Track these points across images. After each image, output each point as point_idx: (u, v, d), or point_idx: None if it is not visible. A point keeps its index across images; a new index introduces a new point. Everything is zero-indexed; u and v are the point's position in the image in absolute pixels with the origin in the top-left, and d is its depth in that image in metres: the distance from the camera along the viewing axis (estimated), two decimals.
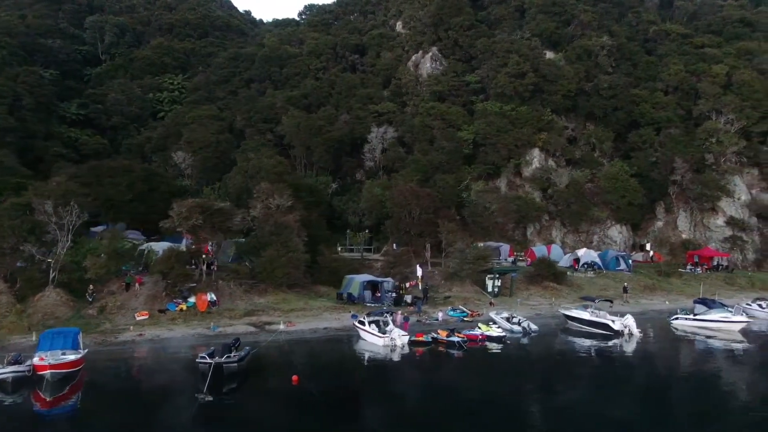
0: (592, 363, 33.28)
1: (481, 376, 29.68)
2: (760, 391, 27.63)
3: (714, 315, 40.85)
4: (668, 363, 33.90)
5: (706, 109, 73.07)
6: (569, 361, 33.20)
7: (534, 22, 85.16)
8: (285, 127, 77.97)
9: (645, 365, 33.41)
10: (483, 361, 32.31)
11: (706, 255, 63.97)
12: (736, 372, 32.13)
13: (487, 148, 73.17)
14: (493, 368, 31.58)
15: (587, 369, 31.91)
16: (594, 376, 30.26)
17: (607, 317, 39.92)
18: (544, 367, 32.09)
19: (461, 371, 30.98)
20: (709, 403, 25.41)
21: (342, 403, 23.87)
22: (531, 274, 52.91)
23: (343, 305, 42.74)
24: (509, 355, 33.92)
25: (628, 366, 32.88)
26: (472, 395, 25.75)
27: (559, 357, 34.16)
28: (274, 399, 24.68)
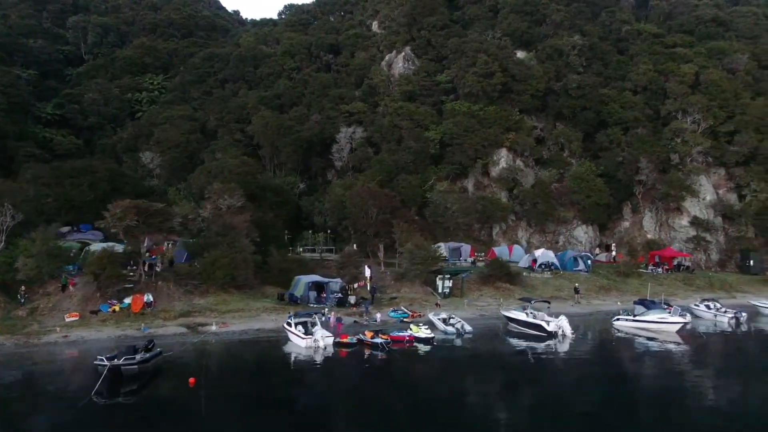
0: (508, 365, 33.02)
1: (385, 379, 29.50)
2: (657, 394, 27.45)
3: (652, 316, 40.78)
4: (585, 365, 33.62)
5: (673, 109, 73.00)
6: (485, 364, 33.06)
7: (506, 22, 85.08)
8: (254, 127, 78.04)
9: (560, 367, 33.18)
10: (400, 363, 32.23)
11: (667, 255, 63.87)
12: (648, 374, 31.95)
13: (454, 148, 73.13)
14: (405, 371, 31.43)
15: (498, 372, 31.60)
16: (500, 379, 29.99)
17: (544, 318, 39.85)
18: (456, 368, 31.97)
19: (371, 373, 30.75)
20: (601, 406, 25.34)
21: (225, 407, 23.81)
22: (484, 274, 52.80)
23: (284, 306, 42.70)
24: (431, 357, 33.93)
25: (541, 368, 32.55)
26: (366, 399, 25.67)
27: (477, 359, 34.05)
28: (161, 402, 24.77)
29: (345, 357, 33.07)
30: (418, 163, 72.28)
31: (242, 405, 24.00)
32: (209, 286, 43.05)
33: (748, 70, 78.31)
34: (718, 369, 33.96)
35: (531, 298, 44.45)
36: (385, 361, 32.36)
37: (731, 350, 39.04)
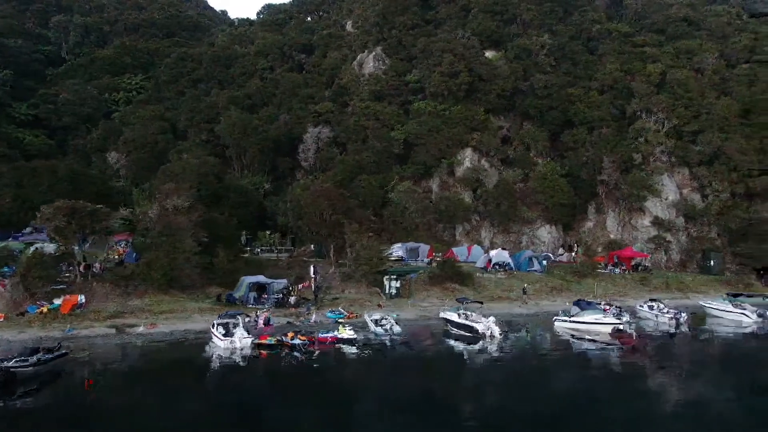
0: (419, 366, 32.91)
1: (278, 384, 29.16)
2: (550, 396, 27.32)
3: (586, 317, 40.69)
4: (497, 367, 33.55)
5: (638, 109, 72.73)
6: (396, 365, 33.09)
7: (476, 22, 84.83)
8: (221, 127, 78.12)
9: (471, 368, 33.02)
10: (312, 365, 32.21)
11: (626, 255, 63.68)
12: (555, 377, 31.73)
13: (419, 148, 73.08)
14: (307, 373, 31.29)
15: (403, 373, 31.32)
16: (401, 382, 29.57)
17: (478, 319, 39.78)
18: (364, 369, 31.98)
19: (269, 377, 30.46)
20: (486, 408, 25.28)
21: (105, 410, 23.78)
22: (434, 275, 52.73)
23: (221, 307, 42.71)
24: (348, 358, 33.84)
25: (451, 370, 32.53)
26: (244, 407, 25.39)
27: (391, 360, 34.09)
28: (50, 403, 24.78)
29: (262, 359, 33.05)
30: (381, 163, 72.29)
31: (121, 409, 23.87)
32: (147, 286, 43.02)
33: (716, 70, 77.97)
34: (628, 371, 33.31)
35: (465, 298, 44.37)
36: (298, 362, 32.29)
37: (655, 351, 38.72)
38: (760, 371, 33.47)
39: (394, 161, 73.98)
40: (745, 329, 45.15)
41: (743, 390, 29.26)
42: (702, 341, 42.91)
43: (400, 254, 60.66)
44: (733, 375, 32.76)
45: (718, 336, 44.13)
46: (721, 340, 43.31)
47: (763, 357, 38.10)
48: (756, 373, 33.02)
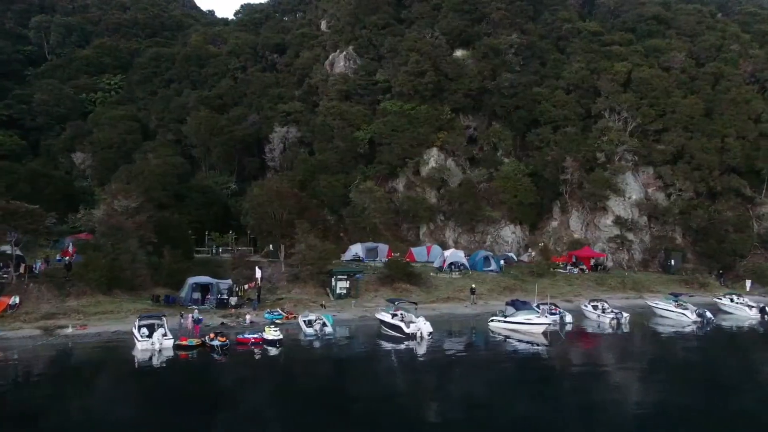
0: (334, 368, 32.81)
1: (174, 389, 28.79)
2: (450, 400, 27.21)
3: (519, 317, 40.63)
4: (416, 369, 33.53)
5: (603, 108, 72.52)
6: (314, 366, 33.08)
7: (445, 21, 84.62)
8: (188, 127, 78.16)
9: (389, 370, 32.68)
10: (221, 367, 32.10)
11: (583, 255, 63.57)
12: (469, 379, 31.56)
13: (383, 147, 73.02)
14: (216, 375, 31.14)
15: (317, 375, 31.31)
16: (311, 384, 29.49)
17: (411, 320, 39.73)
18: (278, 371, 31.96)
19: (171, 381, 30.20)
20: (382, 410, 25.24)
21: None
22: (383, 275, 52.68)
23: (158, 308, 42.68)
24: (267, 359, 33.83)
25: (368, 371, 32.37)
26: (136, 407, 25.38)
27: (311, 361, 34.03)
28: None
29: (181, 360, 33.04)
30: (345, 162, 72.23)
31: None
32: (87, 287, 43.00)
33: (684, 68, 77.72)
34: (530, 374, 32.81)
35: (397, 299, 44.32)
36: (213, 364, 32.30)
37: (582, 352, 38.57)
38: (666, 371, 33.21)
39: (359, 161, 73.92)
40: (685, 329, 44.99)
41: (647, 390, 29.22)
42: (637, 341, 42.63)
43: (359, 254, 60.71)
44: (645, 375, 32.65)
45: (656, 335, 44.04)
46: (656, 339, 43.14)
47: (683, 356, 37.91)
48: (662, 372, 32.79)
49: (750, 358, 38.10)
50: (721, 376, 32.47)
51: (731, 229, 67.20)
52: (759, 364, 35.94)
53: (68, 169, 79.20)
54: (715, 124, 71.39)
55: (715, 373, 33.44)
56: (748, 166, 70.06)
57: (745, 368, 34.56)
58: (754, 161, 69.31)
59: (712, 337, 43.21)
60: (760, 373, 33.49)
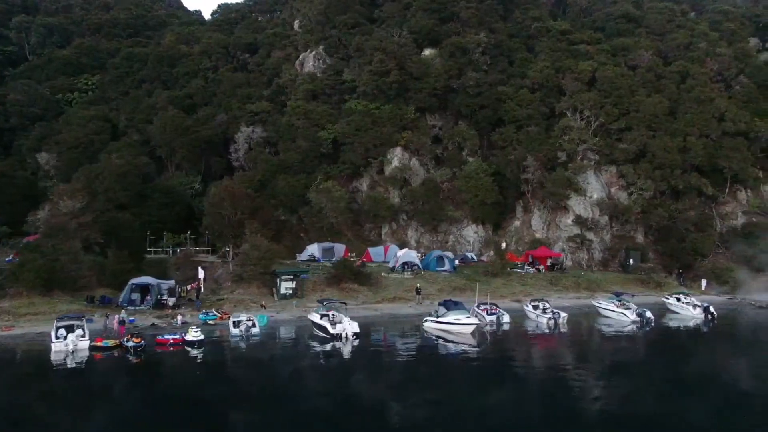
0: (245, 370, 32.77)
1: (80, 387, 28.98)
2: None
3: (449, 317, 40.50)
4: (317, 366, 33.55)
5: (567, 107, 72.22)
6: (227, 367, 33.05)
7: (414, 20, 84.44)
8: (154, 127, 78.15)
9: (298, 372, 32.48)
10: (134, 368, 32.10)
11: (540, 255, 63.37)
12: (375, 380, 31.39)
13: (347, 147, 72.92)
14: (113, 377, 31.08)
15: (222, 376, 31.29)
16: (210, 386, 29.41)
17: (340, 320, 39.62)
18: (185, 373, 31.79)
19: (74, 380, 30.30)
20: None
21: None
22: (331, 275, 52.59)
23: (92, 308, 42.69)
24: (182, 360, 33.70)
25: (278, 373, 32.37)
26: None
27: (223, 363, 33.97)
28: None
29: (97, 361, 32.99)
30: (307, 162, 72.13)
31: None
32: (21, 288, 43.02)
33: (650, 67, 77.34)
34: (439, 375, 32.59)
35: (326, 299, 44.23)
36: (120, 365, 32.26)
37: (502, 352, 38.29)
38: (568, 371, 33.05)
39: (323, 161, 73.80)
40: (624, 329, 44.78)
41: (536, 390, 29.15)
42: (565, 341, 42.15)
43: (315, 254, 60.64)
44: (547, 374, 32.54)
45: (590, 335, 43.91)
46: (587, 339, 42.89)
47: (601, 356, 37.62)
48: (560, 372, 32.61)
49: (671, 357, 37.62)
50: (634, 376, 32.25)
51: (692, 229, 66.87)
52: (676, 363, 35.55)
53: (35, 170, 79.25)
54: (678, 122, 71.02)
55: (628, 373, 33.20)
56: (711, 165, 69.60)
57: (661, 367, 34.32)
58: (717, 160, 68.82)
59: (645, 337, 42.98)
60: (673, 373, 33.15)
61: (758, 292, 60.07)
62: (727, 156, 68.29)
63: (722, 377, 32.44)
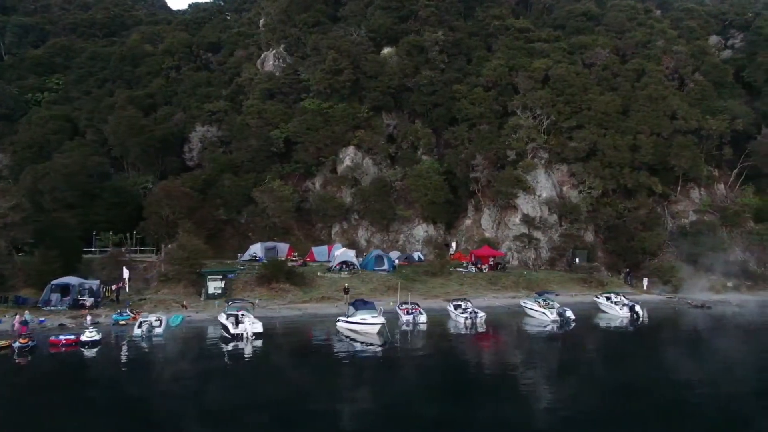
0: (129, 371, 32.49)
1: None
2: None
3: (357, 317, 40.27)
4: (203, 367, 33.19)
5: (519, 105, 71.79)
6: (115, 368, 32.84)
7: (373, 18, 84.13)
8: (108, 126, 78.05)
9: (180, 374, 32.21)
10: (12, 369, 31.93)
11: (483, 254, 63.02)
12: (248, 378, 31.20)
13: (299, 146, 72.72)
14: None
15: (102, 377, 31.09)
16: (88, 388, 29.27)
17: (244, 321, 39.43)
18: (63, 375, 31.55)
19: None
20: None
21: None
22: (261, 274, 52.40)
23: (6, 308, 42.60)
24: (65, 362, 33.44)
25: (161, 374, 32.15)
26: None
27: (113, 364, 33.77)
28: None
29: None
30: (257, 161, 71.95)
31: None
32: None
33: (607, 65, 76.83)
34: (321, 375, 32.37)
35: (234, 299, 44.05)
36: (16, 366, 32.11)
37: (401, 352, 37.86)
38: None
39: (275, 160, 73.63)
40: (545, 328, 44.48)
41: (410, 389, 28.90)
42: (471, 341, 41.59)
43: (257, 254, 60.44)
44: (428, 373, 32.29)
45: (504, 335, 43.60)
46: (497, 339, 42.45)
47: (497, 357, 37.23)
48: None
49: (564, 354, 37.28)
50: (522, 376, 31.99)
51: (641, 227, 66.42)
52: (575, 363, 35.23)
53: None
54: (630, 121, 70.54)
55: (519, 373, 32.94)
56: (662, 164, 69.12)
57: (557, 368, 34.03)
58: (667, 158, 68.33)
59: (556, 336, 42.56)
60: (566, 373, 32.87)
61: (701, 291, 59.85)
62: (677, 154, 67.75)
63: (604, 374, 32.14)
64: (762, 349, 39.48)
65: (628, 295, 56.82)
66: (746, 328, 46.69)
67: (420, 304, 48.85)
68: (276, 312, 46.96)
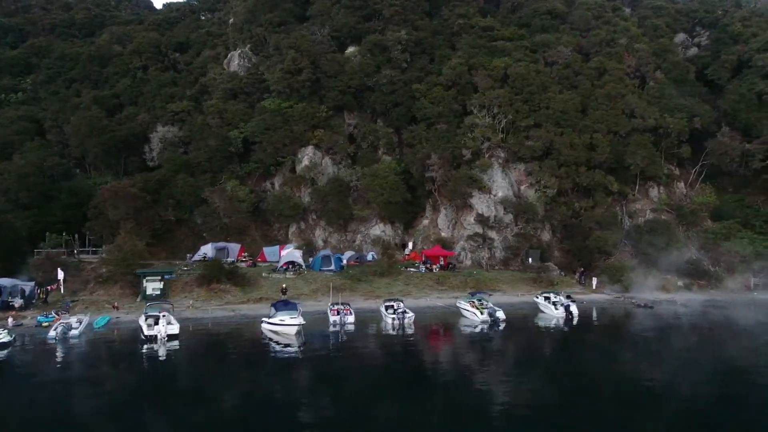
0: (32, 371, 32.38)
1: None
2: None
3: (276, 318, 40.08)
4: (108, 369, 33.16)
5: (477, 104, 71.44)
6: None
7: (337, 17, 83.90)
8: (70, 127, 78.08)
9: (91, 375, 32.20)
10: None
11: (433, 254, 62.74)
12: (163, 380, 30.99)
13: (258, 146, 72.58)
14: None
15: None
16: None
17: (170, 321, 39.28)
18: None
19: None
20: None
21: None
22: (200, 275, 52.20)
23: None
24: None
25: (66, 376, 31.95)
26: None
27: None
28: None
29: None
30: (215, 161, 71.82)
31: None
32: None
33: (569, 63, 76.39)
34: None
35: (156, 300, 43.89)
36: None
37: (309, 353, 37.48)
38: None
39: (233, 160, 73.50)
40: (476, 328, 44.16)
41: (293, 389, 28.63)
42: (387, 341, 40.98)
43: (207, 254, 60.22)
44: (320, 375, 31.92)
45: (432, 335, 43.27)
46: (417, 339, 41.81)
47: (403, 359, 36.72)
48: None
49: (479, 359, 36.83)
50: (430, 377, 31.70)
51: (597, 227, 66.01)
52: (480, 366, 34.82)
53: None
54: (588, 119, 70.11)
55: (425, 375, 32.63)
56: (619, 162, 68.68)
57: (454, 370, 33.69)
58: (624, 156, 67.89)
59: (484, 337, 42.09)
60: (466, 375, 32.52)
61: (651, 290, 59.44)
62: (633, 153, 67.30)
63: (494, 377, 31.75)
64: (681, 347, 38.99)
65: (577, 295, 56.76)
66: (678, 326, 46.25)
67: (360, 305, 48.83)
68: (208, 313, 46.69)
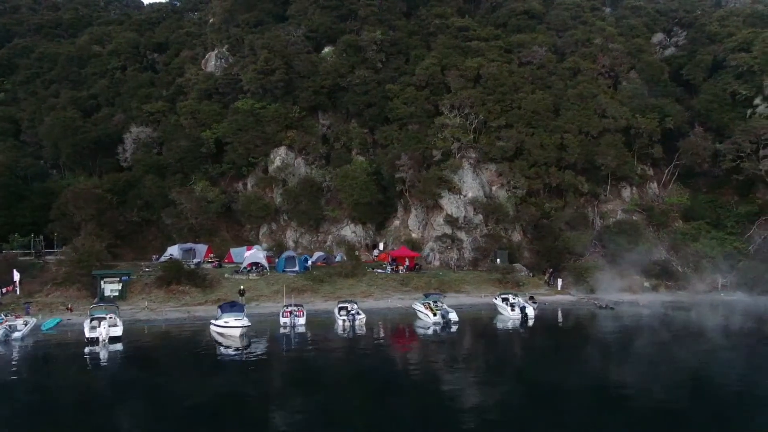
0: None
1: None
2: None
3: (221, 320, 39.93)
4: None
5: (449, 104, 71.19)
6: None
7: (314, 17, 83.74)
8: (43, 128, 78.08)
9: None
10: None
11: (399, 255, 62.53)
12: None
13: (230, 147, 72.44)
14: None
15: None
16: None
17: (116, 323, 39.17)
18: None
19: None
20: None
21: None
22: (159, 276, 52.06)
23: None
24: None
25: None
26: None
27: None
28: None
29: None
30: (186, 162, 71.70)
31: None
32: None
33: (543, 63, 76.10)
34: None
35: (102, 302, 43.79)
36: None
37: (253, 353, 37.30)
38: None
39: (205, 161, 73.35)
40: (428, 330, 43.96)
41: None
42: (325, 342, 40.64)
43: (173, 255, 60.06)
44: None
45: (379, 337, 43.06)
46: (361, 340, 41.53)
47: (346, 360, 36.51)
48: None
49: (416, 360, 36.61)
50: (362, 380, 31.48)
51: (567, 227, 65.75)
52: (410, 369, 34.51)
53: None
54: (560, 119, 69.82)
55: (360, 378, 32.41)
56: (589, 162, 68.39)
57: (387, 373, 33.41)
58: (594, 157, 67.59)
59: (433, 339, 41.89)
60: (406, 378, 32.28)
61: (617, 291, 59.15)
62: (604, 153, 66.98)
63: (426, 378, 31.53)
64: (632, 349, 38.74)
65: (542, 296, 56.59)
66: (633, 328, 45.96)
67: (319, 307, 48.69)
68: (162, 315, 46.56)
